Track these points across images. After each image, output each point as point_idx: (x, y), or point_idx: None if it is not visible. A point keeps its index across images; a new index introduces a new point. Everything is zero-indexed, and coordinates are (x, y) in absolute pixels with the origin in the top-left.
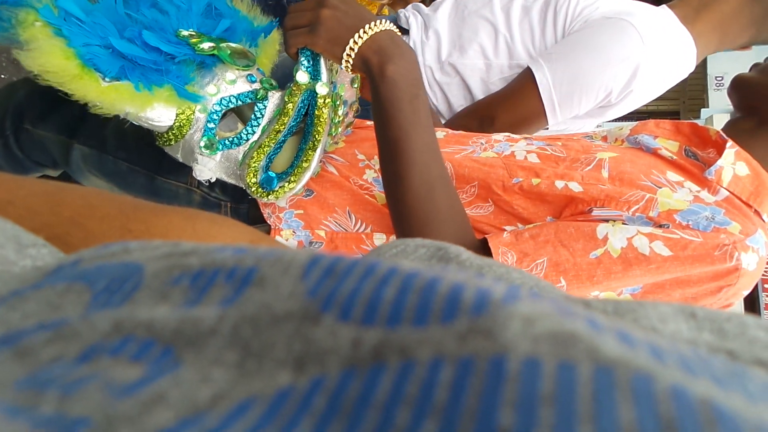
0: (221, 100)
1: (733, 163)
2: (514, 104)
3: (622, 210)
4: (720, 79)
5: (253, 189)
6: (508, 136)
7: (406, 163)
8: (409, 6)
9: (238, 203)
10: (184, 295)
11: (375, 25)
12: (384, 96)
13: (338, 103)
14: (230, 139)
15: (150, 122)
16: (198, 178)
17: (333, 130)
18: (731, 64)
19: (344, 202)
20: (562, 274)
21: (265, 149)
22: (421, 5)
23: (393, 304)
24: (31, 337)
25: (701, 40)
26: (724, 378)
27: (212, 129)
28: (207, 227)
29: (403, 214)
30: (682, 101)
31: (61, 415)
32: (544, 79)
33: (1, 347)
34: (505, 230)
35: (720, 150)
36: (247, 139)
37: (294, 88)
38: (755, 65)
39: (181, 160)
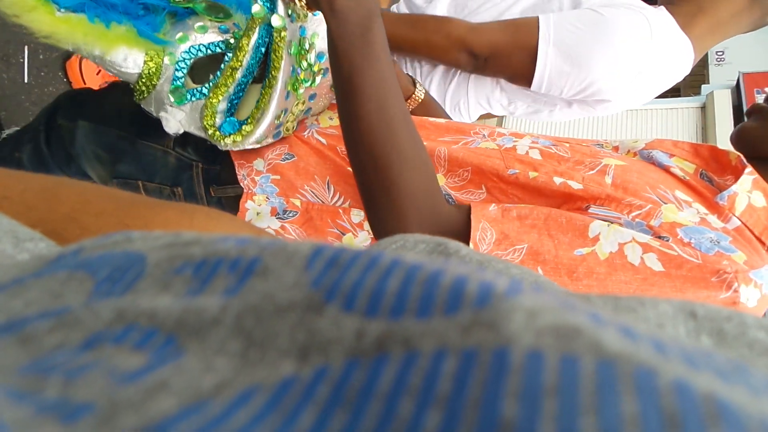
0: (190, 48)
1: (749, 191)
2: (510, 45)
3: (622, 213)
4: (721, 54)
5: (210, 132)
6: (514, 132)
7: (360, 100)
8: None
9: (210, 164)
10: (186, 285)
11: None
12: (335, 32)
13: (307, 47)
14: (198, 89)
15: (118, 68)
16: (167, 131)
17: (303, 77)
18: (732, 39)
19: (325, 172)
20: (541, 264)
21: (222, 89)
22: None
23: (396, 295)
24: (34, 324)
25: (698, 44)
26: (727, 372)
27: (180, 78)
28: (204, 222)
29: (362, 159)
30: (683, 77)
31: (65, 400)
32: (546, 32)
33: (3, 334)
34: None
35: (738, 176)
36: None
37: (250, 22)
38: (753, 109)
39: (154, 115)
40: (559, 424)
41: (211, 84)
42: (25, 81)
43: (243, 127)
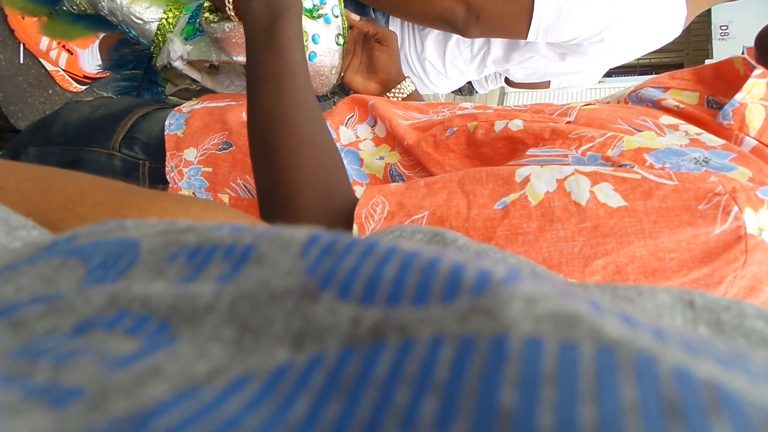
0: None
1: (764, 99)
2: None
3: (569, 149)
4: (725, 28)
5: (207, 15)
6: (479, 105)
7: (258, 89)
8: None
9: (159, 162)
10: (180, 272)
11: None
12: (246, 29)
13: None
14: (200, 28)
15: (140, 18)
16: (171, 58)
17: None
18: (736, 13)
19: None
20: None
21: None
22: None
23: (393, 282)
24: (25, 309)
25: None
26: (728, 359)
27: (194, 21)
28: (200, 212)
29: (254, 148)
30: (686, 53)
31: (54, 384)
32: None
33: None
34: None
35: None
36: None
37: None
38: None
39: (164, 64)
40: (557, 411)
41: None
42: (21, 62)
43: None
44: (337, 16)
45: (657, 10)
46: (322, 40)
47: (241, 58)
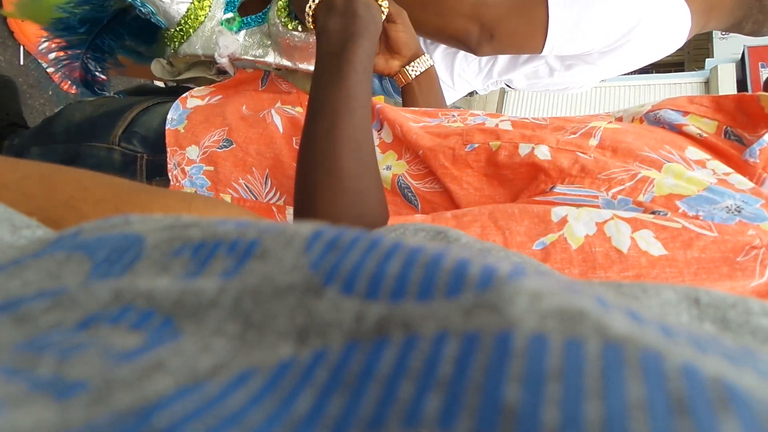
0: None
1: None
2: (520, 14)
3: (599, 190)
4: None
5: (279, 15)
6: (491, 114)
7: (316, 116)
8: None
9: (157, 154)
10: (185, 267)
11: None
12: (318, 48)
13: None
14: (252, 17)
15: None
16: (222, 55)
17: None
18: None
19: (265, 162)
20: None
21: None
22: None
23: (397, 278)
24: (31, 304)
25: (694, 18)
26: (735, 356)
27: (232, 9)
28: (203, 208)
29: (300, 179)
30: (687, 51)
31: (58, 377)
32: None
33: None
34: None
35: None
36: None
37: None
38: None
39: (200, 53)
40: (563, 408)
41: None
42: (21, 63)
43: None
44: None
45: (664, 23)
46: None
47: (304, 66)
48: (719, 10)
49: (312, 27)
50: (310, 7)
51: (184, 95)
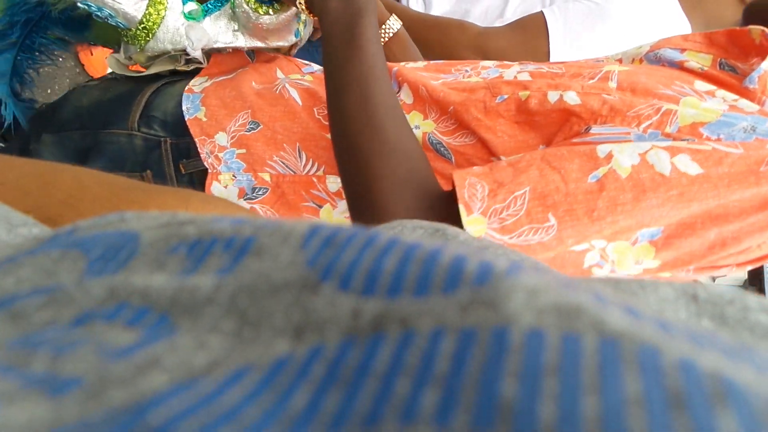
0: None
1: None
2: (520, 47)
3: (630, 126)
4: None
5: (253, 5)
6: (500, 63)
7: (343, 92)
8: None
9: (180, 137)
10: (180, 264)
11: None
12: (325, 30)
13: None
14: (212, 2)
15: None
16: (194, 49)
17: None
18: None
19: (294, 137)
20: (551, 209)
21: None
22: None
23: (393, 274)
24: (25, 300)
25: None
26: (732, 351)
27: (187, 2)
28: (200, 206)
29: (344, 154)
30: None
31: (52, 374)
32: (555, 27)
33: None
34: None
35: (765, 55)
36: None
37: None
38: None
39: (169, 48)
40: (560, 404)
41: None
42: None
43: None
44: None
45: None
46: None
47: (275, 44)
48: (718, 27)
49: (307, 12)
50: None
51: (187, 86)
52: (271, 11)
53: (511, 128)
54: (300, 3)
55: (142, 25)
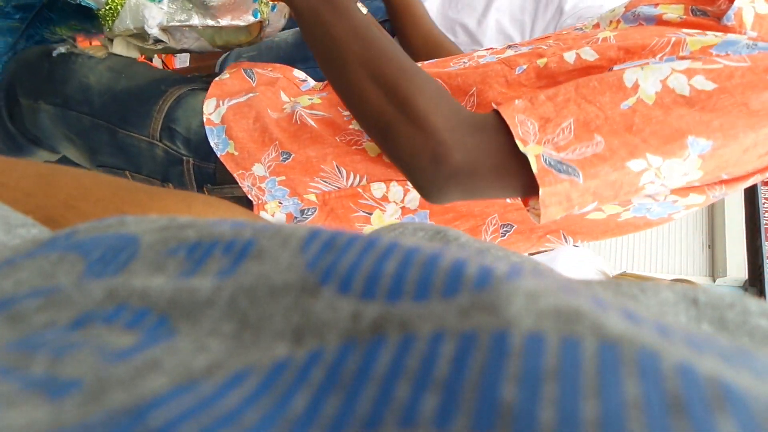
0: None
1: (751, 2)
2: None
3: (647, 59)
4: None
5: None
6: (492, 49)
7: (344, 48)
8: None
9: (203, 161)
10: (180, 266)
11: None
12: (297, 4)
13: None
14: None
15: None
16: (151, 27)
17: None
18: None
19: (328, 157)
20: (596, 131)
21: None
22: None
23: (393, 278)
24: (24, 302)
25: None
26: (731, 355)
27: None
28: (203, 209)
29: (370, 99)
30: None
31: (51, 376)
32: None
33: None
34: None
35: None
36: None
37: None
38: None
39: (131, 27)
40: (559, 407)
41: None
42: None
43: None
44: None
45: None
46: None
47: (226, 22)
48: None
49: None
50: None
51: (205, 117)
52: None
53: (535, 91)
54: None
55: (108, 6)
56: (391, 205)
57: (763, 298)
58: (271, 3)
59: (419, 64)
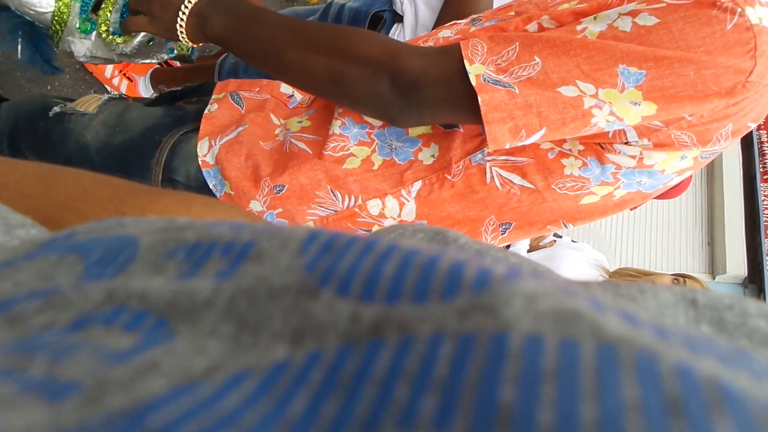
0: None
1: None
2: None
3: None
4: None
5: (103, 35)
6: (457, 25)
7: (277, 51)
8: None
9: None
10: (179, 268)
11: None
12: (220, 41)
13: None
14: (96, 20)
15: (34, 9)
16: (77, 56)
17: None
18: None
19: (322, 182)
20: (536, 54)
21: (109, 4)
22: None
23: (392, 279)
24: (22, 304)
25: None
26: (730, 357)
27: (86, 11)
28: (201, 210)
29: (317, 78)
30: None
31: (50, 378)
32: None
33: None
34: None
35: None
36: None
37: None
38: None
39: (68, 51)
40: (558, 409)
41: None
42: (19, 57)
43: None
44: None
45: None
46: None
47: (147, 62)
48: None
49: (192, 43)
50: (182, 34)
51: (200, 159)
52: (122, 39)
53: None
54: (182, 36)
55: (53, 28)
56: (389, 221)
57: (763, 295)
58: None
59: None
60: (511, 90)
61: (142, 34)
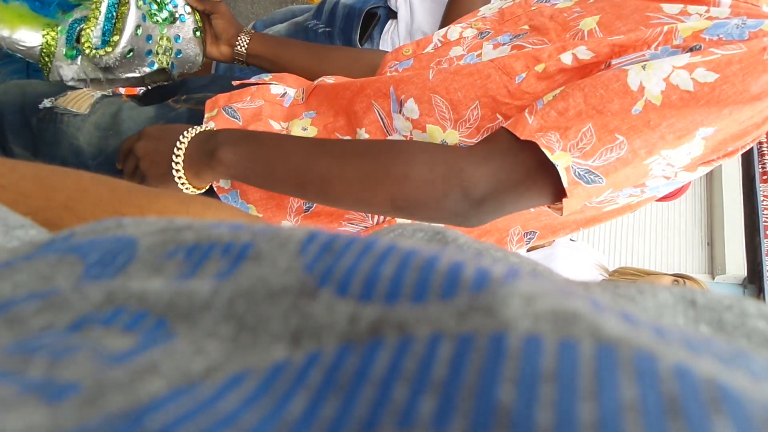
0: (75, 20)
1: None
2: None
3: (642, 50)
4: None
5: (87, 51)
6: (469, 46)
7: (317, 172)
8: None
9: None
10: (178, 269)
11: (184, 135)
12: (235, 174)
13: None
14: (79, 47)
15: (23, 45)
16: (65, 79)
17: (156, 10)
18: None
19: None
20: (616, 131)
21: (92, 21)
22: None
23: (391, 280)
24: (21, 305)
25: None
26: (728, 357)
27: (71, 41)
28: (201, 211)
29: (379, 209)
30: None
31: (49, 380)
32: None
33: None
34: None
35: None
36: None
37: None
38: None
39: (58, 78)
40: (557, 409)
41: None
42: None
43: (111, 39)
44: (189, 14)
45: None
46: (183, 37)
47: (129, 75)
48: None
49: (199, 187)
50: (178, 173)
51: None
52: (103, 51)
53: (537, 98)
54: (184, 186)
55: (41, 62)
56: None
57: (763, 295)
58: (171, 53)
59: (391, 66)
60: (598, 186)
61: (122, 44)
